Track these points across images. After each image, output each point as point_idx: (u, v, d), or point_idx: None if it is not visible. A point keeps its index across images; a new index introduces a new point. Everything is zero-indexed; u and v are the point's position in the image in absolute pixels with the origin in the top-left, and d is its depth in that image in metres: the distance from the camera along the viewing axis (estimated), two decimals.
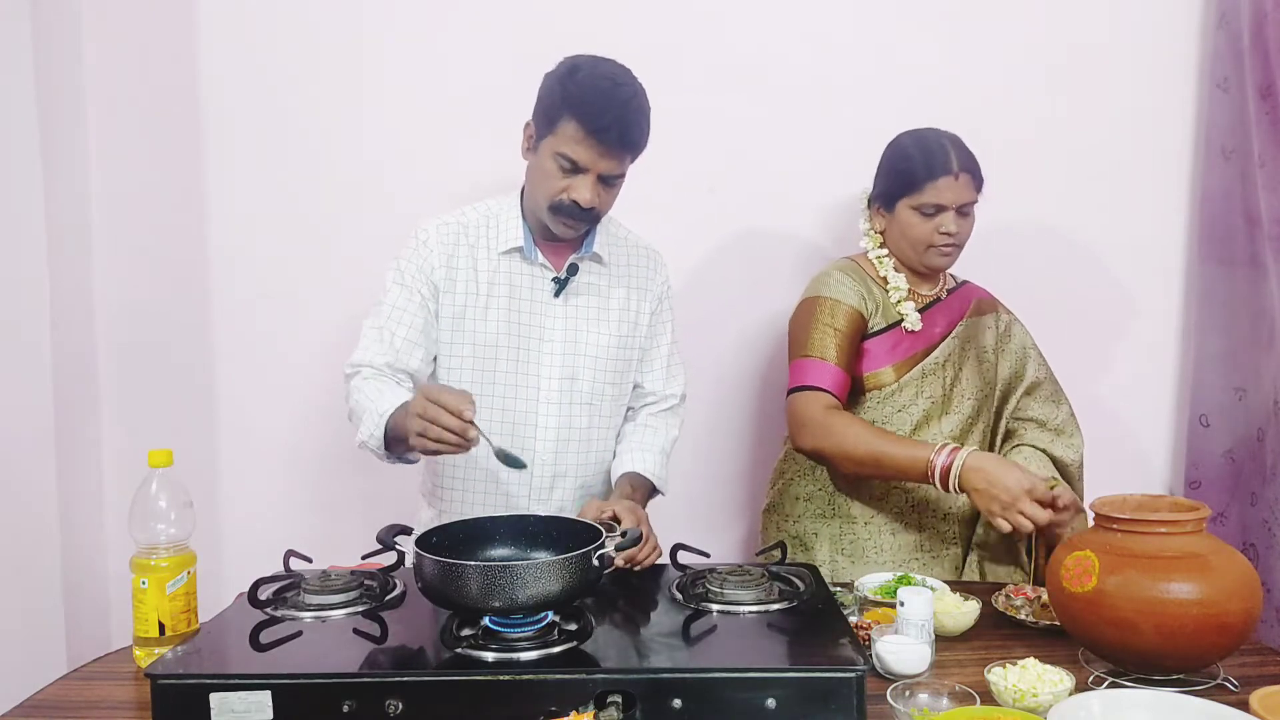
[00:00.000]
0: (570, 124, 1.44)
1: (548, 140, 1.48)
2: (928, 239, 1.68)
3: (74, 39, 2.06)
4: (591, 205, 1.48)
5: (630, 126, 1.46)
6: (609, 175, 1.49)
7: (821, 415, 1.60)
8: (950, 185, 1.65)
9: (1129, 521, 1.20)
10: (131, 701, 1.19)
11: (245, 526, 2.18)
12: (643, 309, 1.67)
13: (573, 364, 1.59)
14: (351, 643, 1.18)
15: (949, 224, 1.66)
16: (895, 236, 1.72)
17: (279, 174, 2.13)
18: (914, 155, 1.68)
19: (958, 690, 1.12)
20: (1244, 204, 2.08)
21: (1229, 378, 2.13)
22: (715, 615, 1.25)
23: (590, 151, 1.45)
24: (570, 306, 1.60)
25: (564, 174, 1.47)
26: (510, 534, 1.33)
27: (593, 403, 1.62)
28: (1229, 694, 1.15)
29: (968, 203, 1.68)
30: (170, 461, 1.29)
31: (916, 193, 1.66)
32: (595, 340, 1.61)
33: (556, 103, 1.46)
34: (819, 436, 1.59)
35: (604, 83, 1.45)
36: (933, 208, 1.66)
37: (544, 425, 1.59)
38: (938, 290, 1.78)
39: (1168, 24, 2.18)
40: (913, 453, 1.53)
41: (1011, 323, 1.83)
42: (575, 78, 1.46)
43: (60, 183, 2.00)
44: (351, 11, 2.10)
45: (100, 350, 2.14)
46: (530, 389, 1.58)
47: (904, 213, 1.69)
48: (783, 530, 1.77)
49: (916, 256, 1.71)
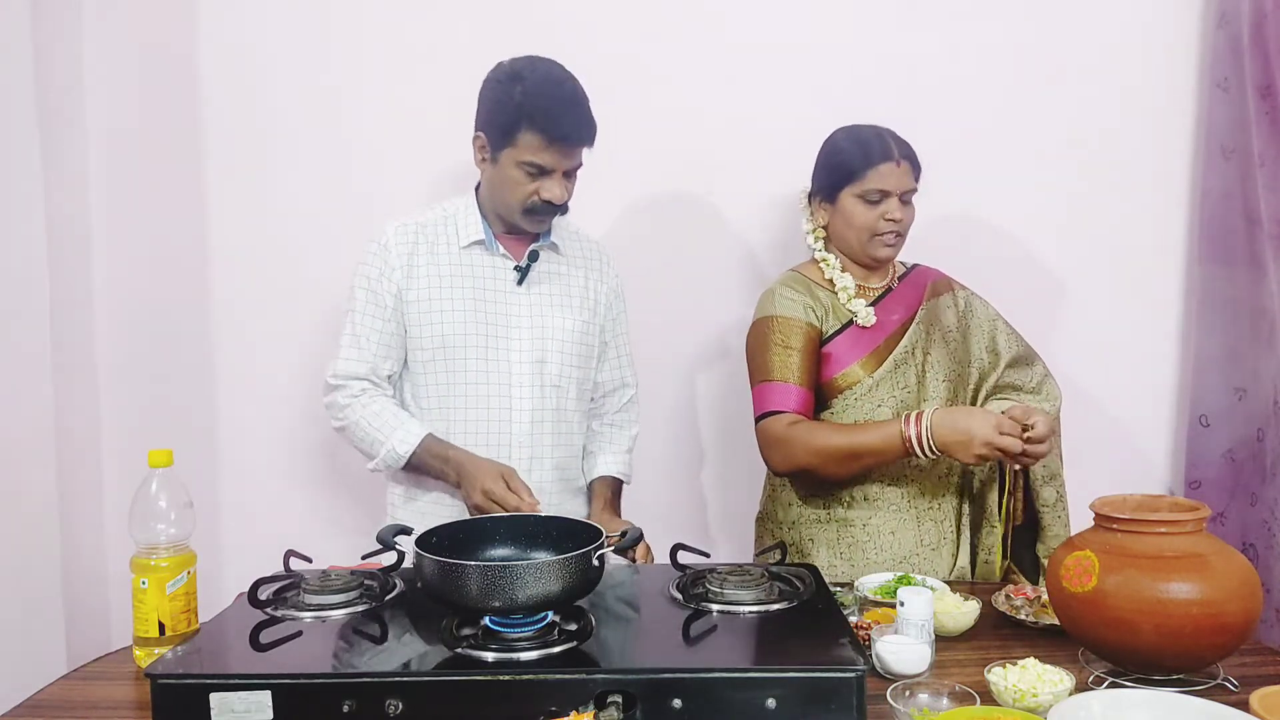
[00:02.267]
0: (530, 134, 1.53)
1: (508, 152, 1.56)
2: (872, 226, 1.67)
3: (74, 39, 2.06)
4: (563, 200, 1.60)
5: (585, 124, 1.56)
6: (572, 170, 1.60)
7: (785, 433, 1.62)
8: (892, 171, 1.66)
9: (1129, 521, 1.20)
10: (131, 701, 1.19)
11: (245, 526, 2.18)
12: (600, 297, 1.76)
13: (541, 348, 1.66)
14: (352, 643, 1.18)
15: (894, 210, 1.67)
16: (840, 229, 1.72)
17: (279, 175, 2.13)
18: (853, 145, 1.69)
19: (958, 690, 1.12)
20: (1244, 203, 2.08)
21: (1229, 378, 2.13)
22: (715, 615, 1.25)
23: (555, 155, 1.55)
24: (534, 294, 1.68)
25: (531, 179, 1.57)
26: (510, 534, 1.33)
27: (561, 384, 1.69)
28: (1229, 694, 1.15)
29: (909, 190, 1.69)
30: (170, 461, 1.29)
31: (859, 180, 1.66)
32: (561, 324, 1.68)
33: (512, 116, 1.53)
34: (789, 454, 1.62)
35: (553, 88, 1.54)
36: (877, 194, 1.66)
37: (518, 408, 1.65)
38: (888, 280, 1.78)
39: (1167, 24, 2.18)
40: (883, 432, 1.56)
41: (970, 298, 1.82)
42: (524, 87, 1.53)
43: (60, 184, 2.00)
44: (354, 11, 2.10)
45: (100, 350, 2.14)
46: (502, 374, 1.64)
47: (847, 202, 1.69)
48: (778, 539, 1.76)
49: (861, 247, 1.70)
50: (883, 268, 1.77)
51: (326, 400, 1.68)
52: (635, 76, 2.09)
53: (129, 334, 2.14)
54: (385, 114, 2.12)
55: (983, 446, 1.48)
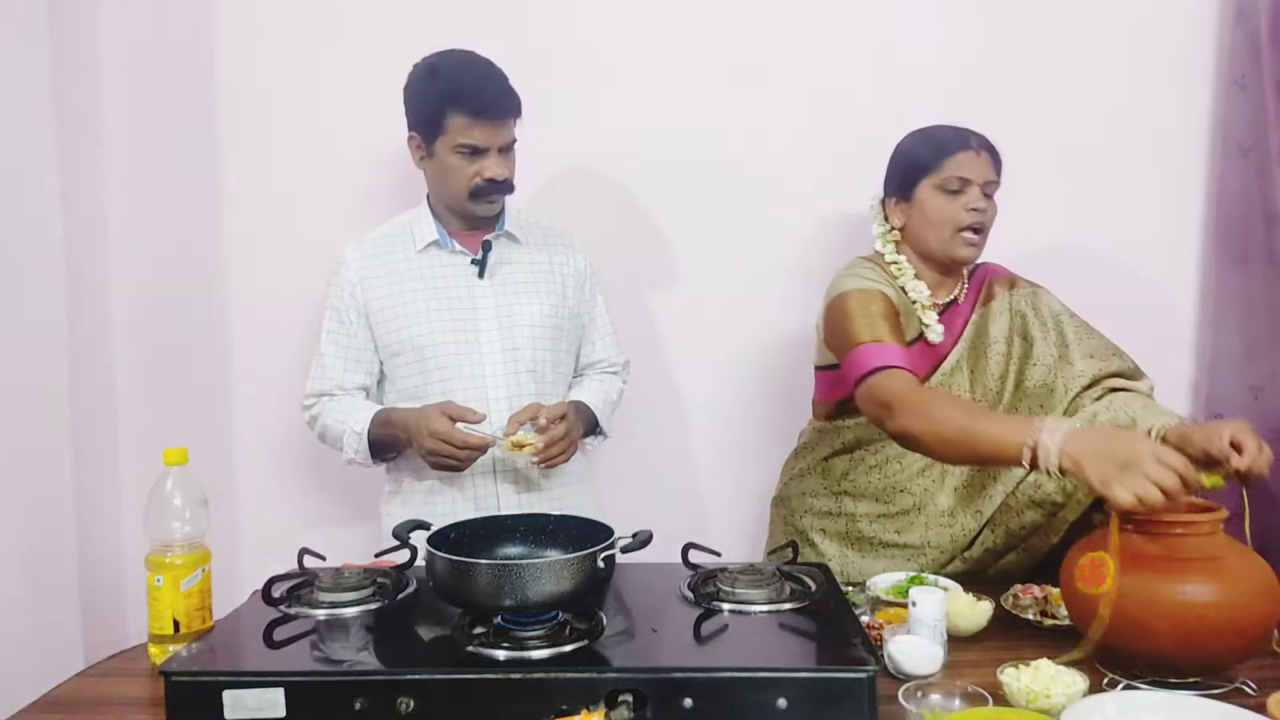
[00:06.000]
0: (455, 116, 1.58)
1: (440, 141, 1.61)
2: (954, 219, 1.59)
3: (91, 31, 2.07)
4: (506, 176, 1.63)
5: (505, 95, 1.61)
6: (506, 145, 1.63)
7: (912, 393, 1.44)
8: (972, 160, 1.60)
9: (1145, 522, 1.19)
10: (146, 698, 1.20)
11: (260, 524, 2.19)
12: (567, 282, 1.77)
13: (511, 335, 1.69)
14: (364, 641, 1.18)
15: (977, 199, 1.59)
16: (918, 227, 1.64)
17: (297, 172, 2.14)
18: (928, 136, 1.65)
19: (970, 691, 1.11)
20: (1262, 202, 2.06)
21: (1245, 377, 2.11)
22: (726, 615, 1.24)
23: (484, 131, 1.59)
24: (496, 284, 1.70)
25: (469, 162, 1.61)
26: (527, 532, 1.33)
27: (536, 369, 1.71)
28: (1246, 697, 1.14)
29: (990, 182, 1.61)
30: (185, 460, 1.30)
31: (937, 170, 1.60)
32: (528, 310, 1.70)
33: (435, 104, 1.59)
34: (913, 417, 1.41)
35: (468, 68, 1.59)
36: (957, 181, 1.59)
37: (495, 398, 1.66)
38: (956, 292, 1.71)
39: (1184, 20, 2.16)
40: (1004, 436, 1.28)
41: (1035, 294, 1.70)
42: (440, 75, 1.59)
43: (77, 179, 2.02)
44: (371, 3, 2.11)
45: (117, 349, 2.16)
46: (475, 366, 1.66)
47: (926, 194, 1.62)
48: (789, 524, 1.76)
49: (942, 247, 1.62)
50: (955, 275, 1.70)
51: (305, 420, 1.75)
52: (654, 81, 2.10)
53: (145, 331, 2.16)
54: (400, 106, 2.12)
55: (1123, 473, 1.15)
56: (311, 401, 1.72)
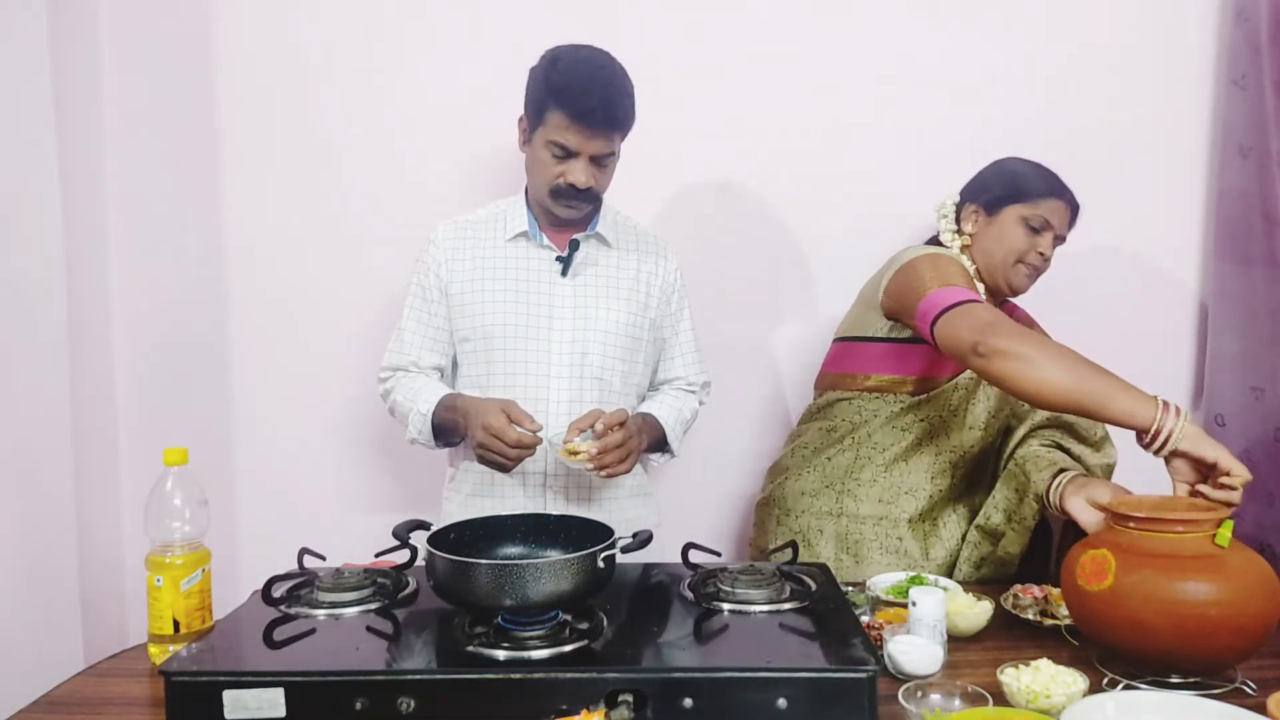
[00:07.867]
0: (556, 113, 1.53)
1: (539, 131, 1.57)
2: (1023, 253, 1.66)
3: (91, 38, 2.07)
4: (588, 185, 1.57)
5: (613, 106, 1.54)
6: (600, 155, 1.57)
7: (1010, 323, 1.42)
8: (1060, 210, 1.68)
9: (1146, 521, 1.19)
10: (146, 698, 1.20)
11: (260, 524, 2.19)
12: (652, 290, 1.72)
13: (583, 339, 1.64)
14: (364, 641, 1.18)
15: (1047, 246, 1.67)
16: (988, 243, 1.69)
17: (296, 173, 2.14)
18: (1036, 171, 1.69)
19: (970, 691, 1.11)
20: (1262, 202, 2.06)
21: (1246, 377, 2.11)
22: (726, 615, 1.25)
23: (578, 136, 1.53)
24: (578, 285, 1.66)
25: (558, 160, 1.56)
26: (527, 532, 1.33)
27: (603, 377, 1.66)
28: (1246, 697, 1.14)
29: (1063, 234, 1.70)
30: (185, 460, 1.30)
31: (1031, 203, 1.66)
32: (604, 316, 1.66)
33: (542, 95, 1.55)
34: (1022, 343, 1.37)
35: (584, 68, 1.54)
36: (1041, 220, 1.66)
37: (556, 400, 1.63)
38: None
39: (1184, 20, 2.16)
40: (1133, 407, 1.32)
41: None
42: (557, 68, 1.54)
43: (78, 183, 2.02)
44: (369, 8, 2.11)
45: (117, 349, 2.16)
46: (541, 364, 1.63)
47: (1009, 219, 1.67)
48: (783, 525, 1.76)
49: (1003, 271, 1.68)
50: (993, 299, 1.73)
51: (379, 392, 1.74)
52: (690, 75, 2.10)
53: (145, 333, 2.16)
54: (405, 110, 2.12)
55: None
56: (387, 375, 1.70)
